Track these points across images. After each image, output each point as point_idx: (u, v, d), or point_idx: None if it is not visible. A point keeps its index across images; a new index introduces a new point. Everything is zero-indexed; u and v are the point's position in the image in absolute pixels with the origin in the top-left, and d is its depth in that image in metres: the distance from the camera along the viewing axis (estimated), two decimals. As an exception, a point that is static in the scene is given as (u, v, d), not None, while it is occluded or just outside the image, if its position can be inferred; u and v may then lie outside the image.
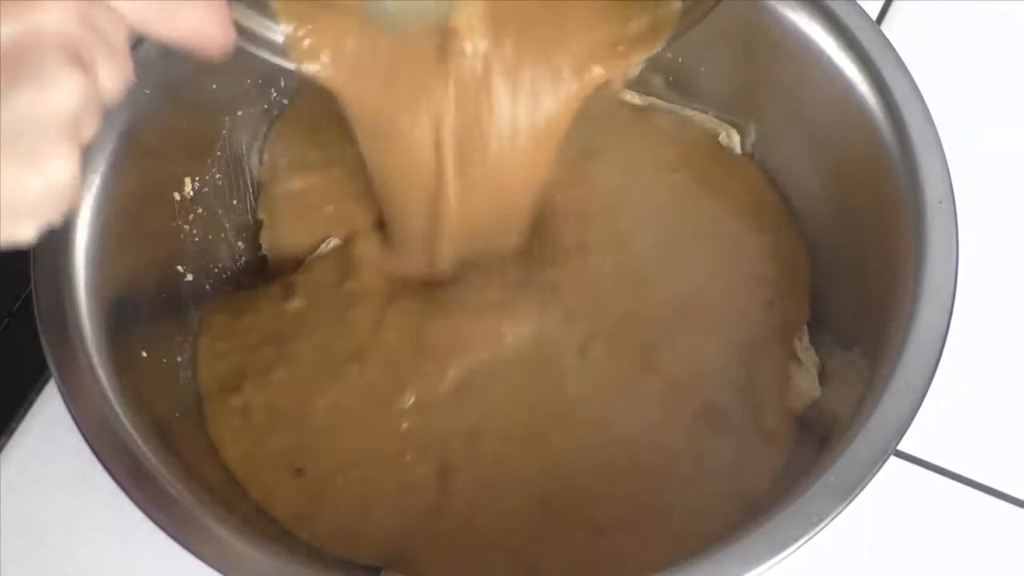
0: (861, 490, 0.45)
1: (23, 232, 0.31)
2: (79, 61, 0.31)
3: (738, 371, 0.56)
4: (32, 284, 0.49)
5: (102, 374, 0.48)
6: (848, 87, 0.55)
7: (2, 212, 0.30)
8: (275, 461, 0.53)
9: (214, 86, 0.57)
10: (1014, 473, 0.58)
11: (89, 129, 0.32)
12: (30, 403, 0.59)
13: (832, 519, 0.45)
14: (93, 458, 0.46)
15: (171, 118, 0.55)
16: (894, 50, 0.54)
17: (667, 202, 0.60)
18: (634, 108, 0.63)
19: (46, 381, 0.59)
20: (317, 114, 0.60)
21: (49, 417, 0.58)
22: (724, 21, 0.50)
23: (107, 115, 0.34)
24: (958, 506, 0.58)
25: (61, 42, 0.30)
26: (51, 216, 0.31)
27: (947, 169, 0.51)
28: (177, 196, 0.58)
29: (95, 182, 0.51)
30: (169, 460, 0.48)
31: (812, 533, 0.45)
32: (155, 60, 0.52)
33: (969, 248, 0.51)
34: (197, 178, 0.58)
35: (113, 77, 0.33)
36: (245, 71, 0.59)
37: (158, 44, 0.36)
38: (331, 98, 0.51)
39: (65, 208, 0.32)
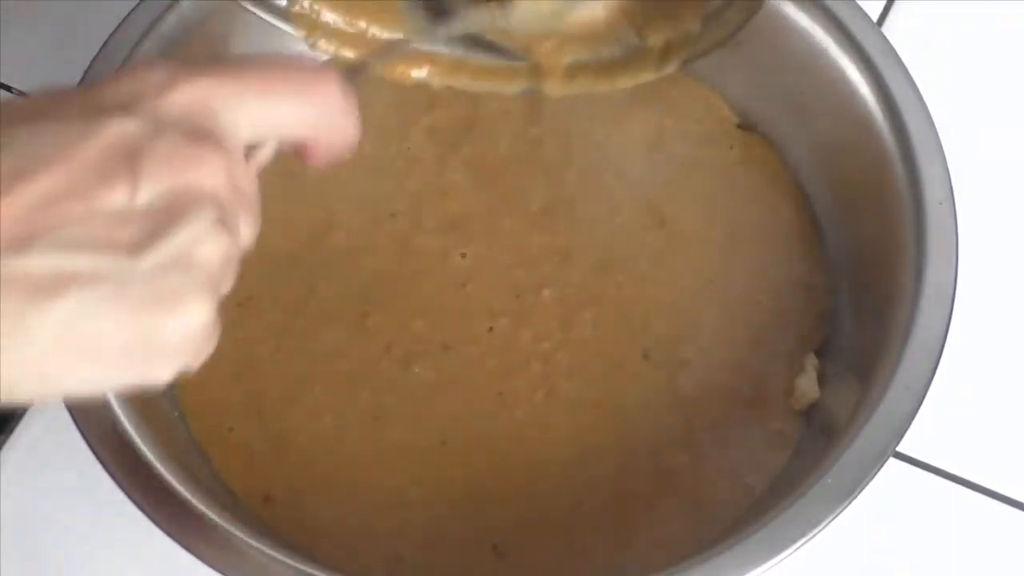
0: (860, 492, 0.46)
1: (159, 374, 0.32)
2: (225, 219, 0.32)
3: (752, 366, 0.56)
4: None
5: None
6: (851, 91, 0.55)
7: (141, 353, 0.31)
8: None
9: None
10: (1013, 475, 0.58)
11: (228, 281, 0.34)
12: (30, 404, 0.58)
13: (831, 521, 0.45)
14: (92, 457, 0.46)
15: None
16: (895, 52, 0.54)
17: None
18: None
19: None
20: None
21: (49, 417, 0.58)
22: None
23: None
24: (957, 508, 0.57)
25: (212, 200, 0.32)
26: (185, 360, 0.33)
27: (947, 171, 0.51)
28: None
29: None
30: (168, 460, 0.48)
31: (811, 535, 0.45)
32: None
33: (969, 249, 0.51)
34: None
35: (249, 232, 0.35)
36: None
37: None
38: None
39: (200, 354, 0.33)
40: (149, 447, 0.47)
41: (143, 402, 0.50)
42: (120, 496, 0.46)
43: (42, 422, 0.58)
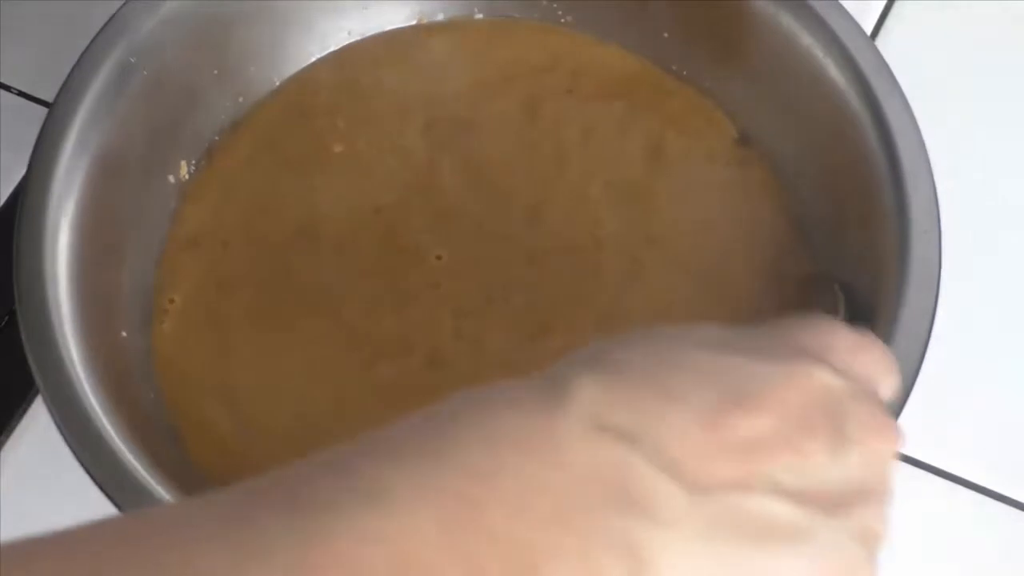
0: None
1: None
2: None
3: None
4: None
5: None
6: (841, 102, 0.55)
7: None
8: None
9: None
10: (1014, 477, 0.58)
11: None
12: (30, 403, 0.58)
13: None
14: None
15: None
16: (887, 67, 0.54)
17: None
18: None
19: None
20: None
21: (49, 418, 0.57)
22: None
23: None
24: (957, 509, 0.57)
25: (890, 477, 0.32)
26: None
27: (936, 199, 0.51)
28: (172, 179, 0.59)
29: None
30: (154, 468, 0.47)
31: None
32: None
33: (959, 255, 0.52)
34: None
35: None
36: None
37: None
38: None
39: None
40: (119, 431, 0.47)
41: (119, 384, 0.50)
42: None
43: (42, 422, 0.57)
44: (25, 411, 0.58)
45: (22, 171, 0.56)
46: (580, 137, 0.61)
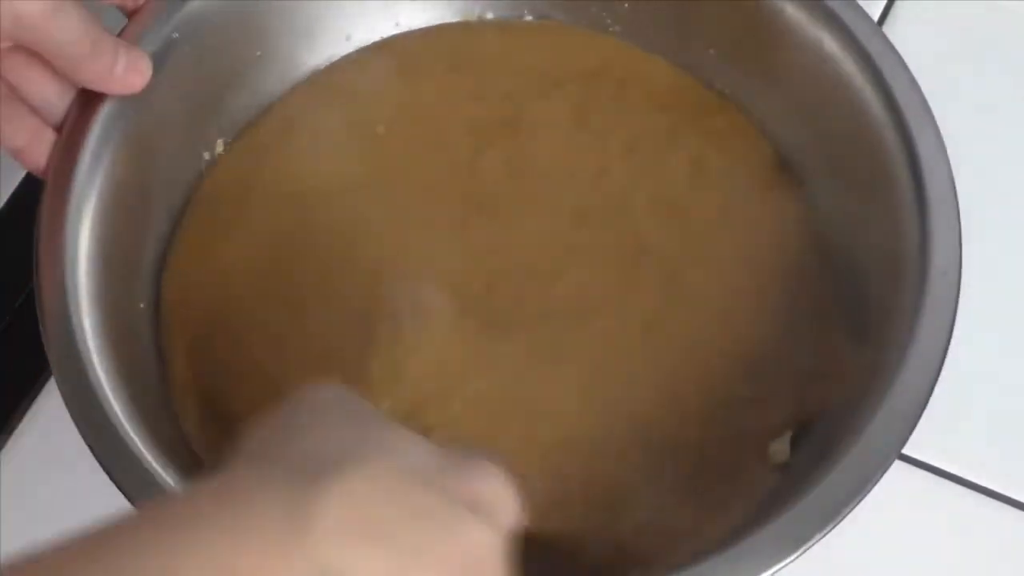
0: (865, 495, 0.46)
1: None
2: None
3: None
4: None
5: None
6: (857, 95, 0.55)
7: None
8: None
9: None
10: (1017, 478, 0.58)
11: None
12: (30, 403, 0.59)
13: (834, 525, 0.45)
14: (93, 459, 0.46)
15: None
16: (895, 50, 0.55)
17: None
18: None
19: (46, 381, 0.59)
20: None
21: (49, 417, 0.58)
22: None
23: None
24: (960, 511, 0.57)
25: None
26: None
27: (959, 241, 0.51)
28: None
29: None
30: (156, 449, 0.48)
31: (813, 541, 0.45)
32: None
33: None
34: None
35: None
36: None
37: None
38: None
39: None
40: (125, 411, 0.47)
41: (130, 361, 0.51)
42: (122, 499, 0.46)
43: (42, 422, 0.58)
44: (26, 412, 0.58)
45: (23, 171, 0.57)
46: (624, 148, 0.61)
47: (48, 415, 0.58)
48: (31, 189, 0.55)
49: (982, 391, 0.59)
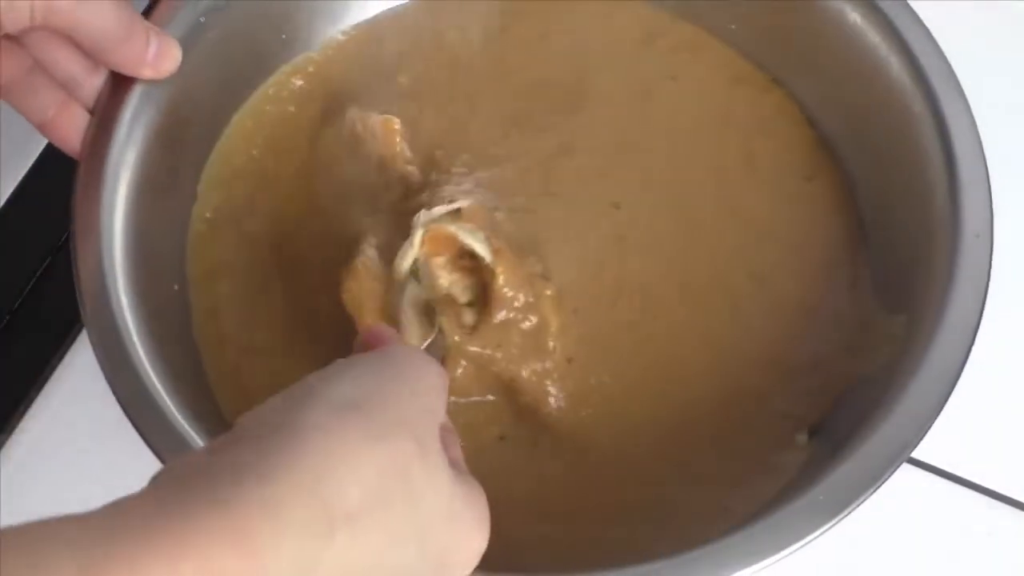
0: (870, 494, 0.45)
1: None
2: None
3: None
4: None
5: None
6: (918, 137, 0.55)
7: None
8: None
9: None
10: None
11: None
12: (30, 401, 0.58)
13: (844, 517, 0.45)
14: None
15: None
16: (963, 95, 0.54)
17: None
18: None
19: (47, 379, 0.59)
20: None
21: (50, 416, 0.58)
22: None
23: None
24: (964, 512, 0.57)
25: None
26: None
27: (990, 204, 0.51)
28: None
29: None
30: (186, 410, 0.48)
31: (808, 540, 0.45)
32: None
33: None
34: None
35: None
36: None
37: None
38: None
39: None
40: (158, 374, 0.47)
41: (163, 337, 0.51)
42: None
43: (43, 421, 0.58)
44: (26, 411, 0.58)
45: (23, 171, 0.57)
46: (679, 125, 0.61)
47: (49, 415, 0.58)
48: (31, 190, 0.56)
49: (994, 394, 0.59)
